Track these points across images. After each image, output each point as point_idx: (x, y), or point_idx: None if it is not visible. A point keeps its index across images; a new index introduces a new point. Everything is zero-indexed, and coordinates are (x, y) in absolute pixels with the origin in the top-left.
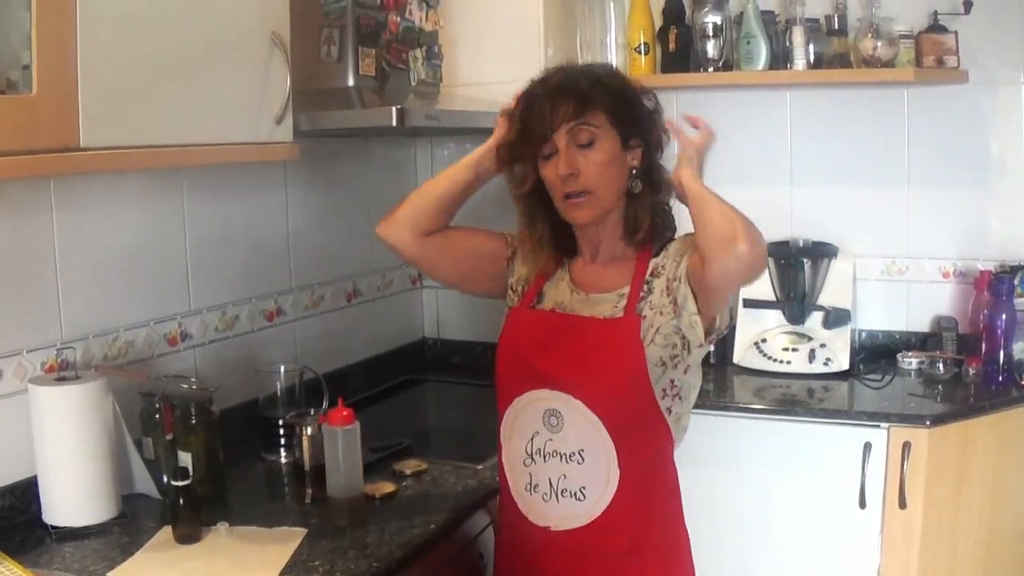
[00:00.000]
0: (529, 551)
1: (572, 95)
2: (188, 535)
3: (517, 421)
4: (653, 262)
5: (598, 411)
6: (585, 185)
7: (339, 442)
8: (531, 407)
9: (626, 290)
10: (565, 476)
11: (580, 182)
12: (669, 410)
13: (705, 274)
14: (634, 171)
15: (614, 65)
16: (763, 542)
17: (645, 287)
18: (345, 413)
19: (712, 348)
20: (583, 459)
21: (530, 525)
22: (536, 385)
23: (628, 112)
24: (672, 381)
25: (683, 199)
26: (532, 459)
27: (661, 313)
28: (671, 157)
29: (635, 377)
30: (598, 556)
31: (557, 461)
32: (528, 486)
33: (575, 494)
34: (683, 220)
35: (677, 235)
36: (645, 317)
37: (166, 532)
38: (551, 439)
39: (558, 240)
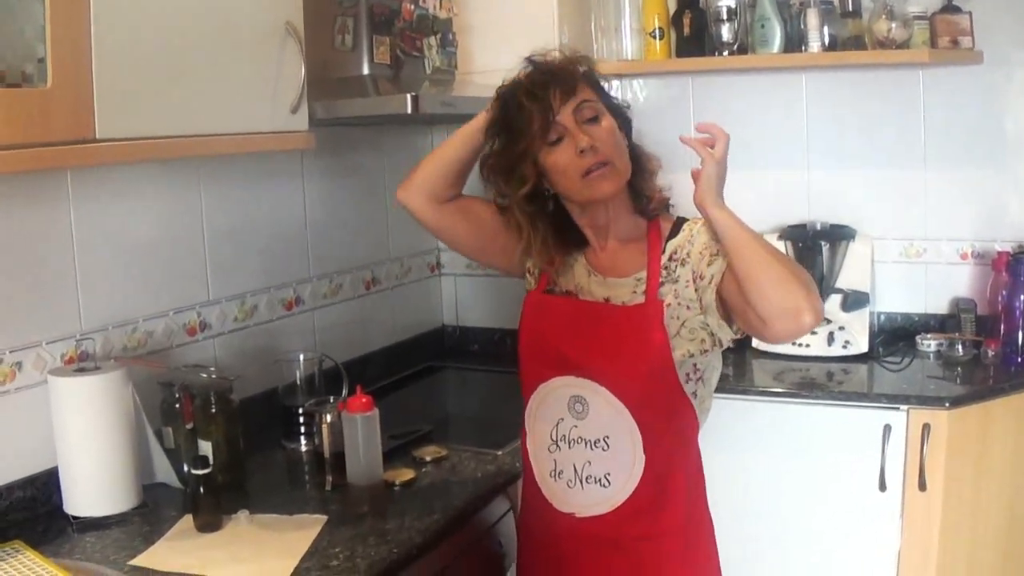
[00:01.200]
0: (553, 537)
1: (564, 78)
2: (209, 523)
3: (542, 407)
4: (671, 243)
5: (623, 398)
6: (606, 155)
7: (359, 429)
8: (556, 393)
9: (643, 274)
10: (590, 463)
11: (600, 153)
12: (695, 394)
13: (760, 332)
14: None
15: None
16: (783, 525)
17: (664, 271)
18: (364, 400)
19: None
20: (608, 446)
21: (554, 511)
22: (561, 371)
23: (601, 89)
24: (695, 365)
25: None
26: (557, 445)
27: (688, 307)
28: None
29: (660, 363)
30: (621, 542)
31: (582, 447)
32: (553, 472)
33: (600, 480)
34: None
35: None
36: (669, 305)
37: (187, 521)
38: (576, 425)
39: (562, 237)
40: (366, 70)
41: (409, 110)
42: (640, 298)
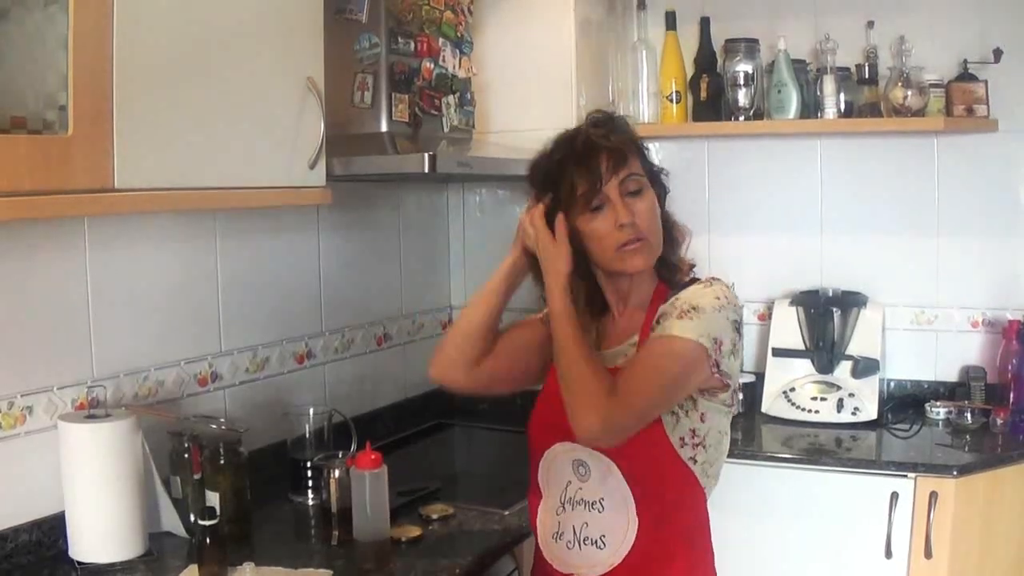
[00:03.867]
0: None
1: (614, 147)
2: (214, 574)
3: (550, 472)
4: (662, 308)
5: (616, 460)
6: (643, 232)
7: (366, 485)
8: (561, 458)
9: (635, 339)
10: (587, 524)
11: (639, 228)
12: (693, 459)
13: None
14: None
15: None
16: None
17: (652, 331)
18: (373, 456)
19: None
20: (603, 507)
21: (555, 573)
22: (563, 437)
23: (649, 162)
24: (692, 431)
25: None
26: (563, 507)
27: None
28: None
29: (646, 429)
30: None
31: (582, 509)
32: (555, 534)
33: (596, 542)
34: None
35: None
36: None
37: (192, 571)
38: (580, 488)
39: (590, 300)
40: (384, 127)
41: (426, 169)
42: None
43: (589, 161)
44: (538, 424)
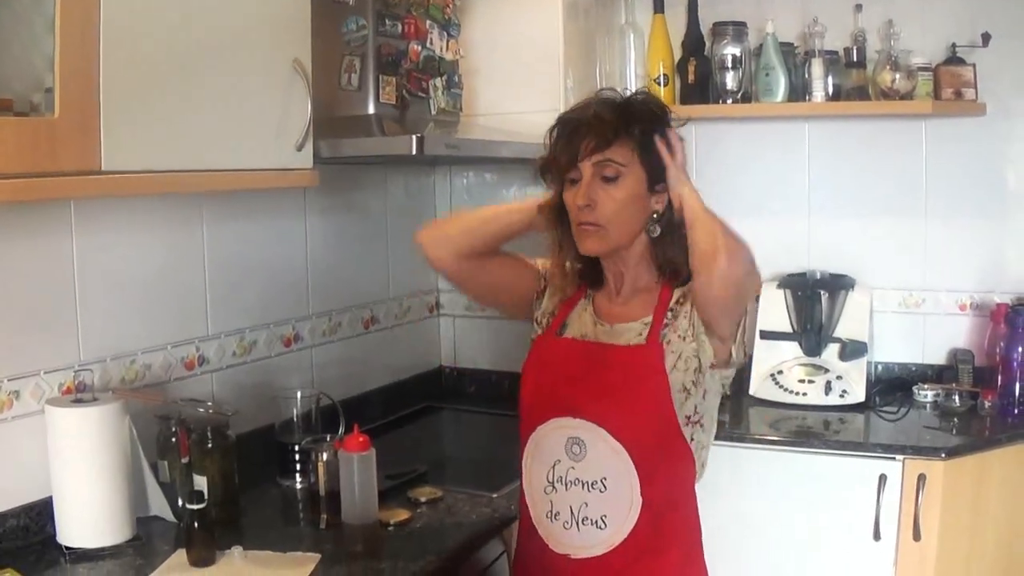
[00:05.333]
0: None
1: (603, 128)
2: (202, 558)
3: (539, 449)
4: (678, 291)
5: (622, 439)
6: (597, 219)
7: (354, 468)
8: (554, 435)
9: (649, 318)
10: (587, 504)
11: (594, 215)
12: (692, 438)
13: (693, 289)
14: (655, 215)
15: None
16: (777, 573)
17: (669, 314)
18: (361, 439)
19: (728, 382)
20: (605, 487)
21: (550, 553)
22: (560, 413)
23: (651, 149)
24: (695, 407)
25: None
26: (553, 487)
27: (684, 339)
28: None
29: (659, 405)
30: (627, 574)
31: (579, 489)
32: (549, 514)
33: (596, 522)
34: None
35: None
36: (670, 342)
37: (180, 555)
38: (573, 467)
39: (585, 269)
40: (372, 109)
41: (414, 151)
42: (643, 340)
43: (572, 137)
44: (532, 399)
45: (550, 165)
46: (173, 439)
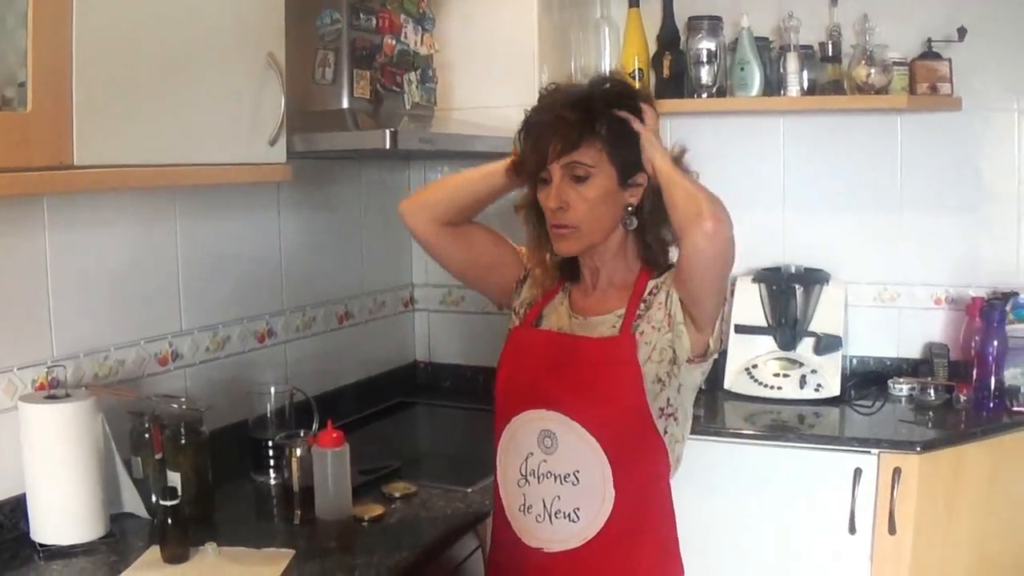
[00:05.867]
0: (522, 573)
1: (568, 130)
2: (176, 555)
3: (513, 441)
4: (652, 283)
5: (595, 431)
6: (570, 220)
7: (328, 464)
8: (527, 427)
9: (623, 310)
10: (559, 497)
11: (567, 216)
12: (665, 431)
13: (679, 260)
14: (630, 208)
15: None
16: (751, 568)
17: (642, 305)
18: (334, 435)
19: (705, 376)
20: (578, 480)
21: (523, 546)
22: (533, 405)
23: (630, 147)
24: (668, 400)
25: (656, 182)
26: (526, 480)
27: (658, 329)
28: None
29: (632, 396)
30: (602, 568)
31: (551, 482)
32: (522, 507)
33: (569, 515)
34: None
35: None
36: (643, 333)
37: (154, 552)
38: (545, 460)
39: (564, 262)
40: (345, 104)
41: (388, 145)
42: (616, 332)
43: (539, 140)
44: (507, 390)
45: (521, 167)
46: (146, 435)
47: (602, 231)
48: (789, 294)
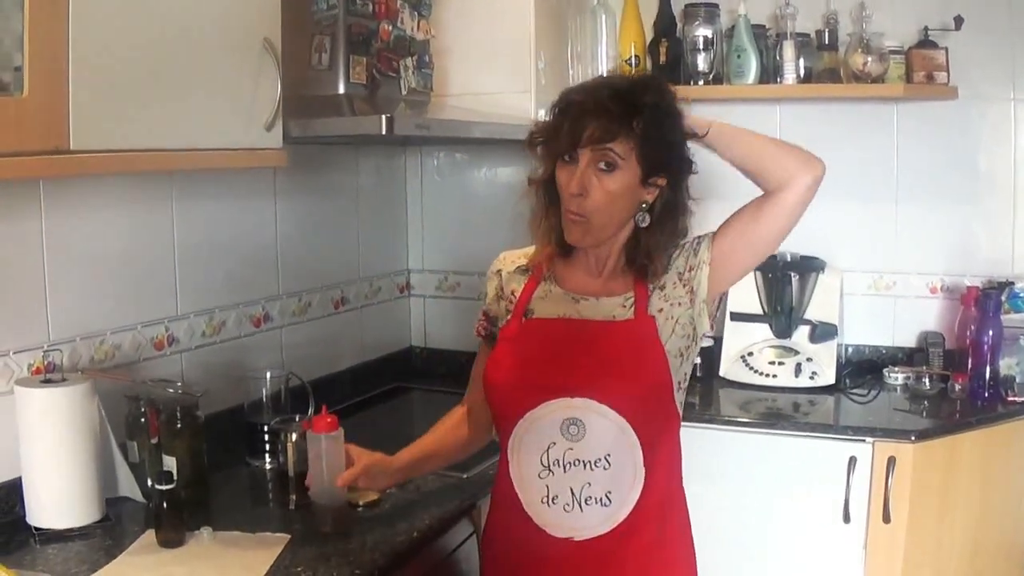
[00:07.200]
0: (547, 565)
1: (609, 119)
2: (171, 539)
3: (529, 434)
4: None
5: (625, 412)
6: (586, 209)
7: (323, 449)
8: (546, 419)
9: (631, 294)
10: (590, 483)
11: (584, 204)
12: (680, 403)
13: (771, 208)
14: (644, 205)
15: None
16: (746, 555)
17: (651, 286)
18: (329, 420)
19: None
20: (609, 463)
21: (548, 539)
22: (552, 395)
23: (659, 149)
24: (685, 374)
25: (712, 144)
26: (549, 471)
27: (679, 304)
28: None
29: (659, 376)
30: (624, 557)
31: (579, 469)
32: (546, 499)
33: (600, 500)
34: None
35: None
36: (661, 311)
37: (149, 536)
38: (571, 448)
39: (562, 240)
40: (342, 89)
41: (384, 131)
42: (630, 314)
43: (576, 121)
44: (514, 386)
45: (548, 140)
46: (142, 419)
47: (613, 224)
48: (785, 282)
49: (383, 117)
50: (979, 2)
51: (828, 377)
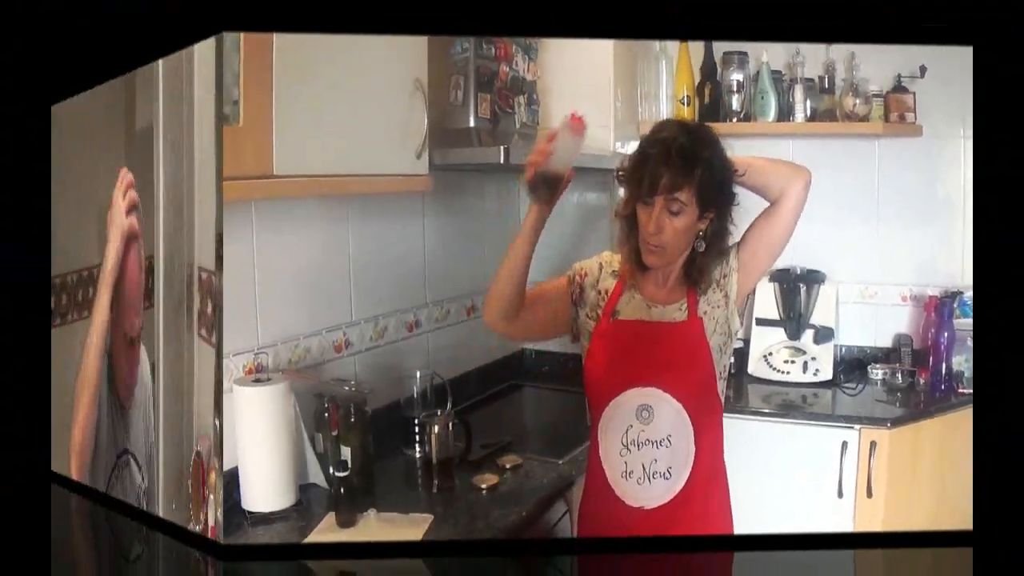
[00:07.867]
0: (623, 531)
1: (679, 172)
2: (347, 520)
3: (613, 418)
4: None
5: (682, 400)
6: (662, 243)
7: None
8: (626, 405)
9: (685, 301)
10: (656, 460)
11: (660, 239)
12: (722, 392)
13: (779, 212)
14: (701, 233)
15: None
16: (757, 524)
17: (699, 294)
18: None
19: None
20: (670, 443)
21: (625, 508)
22: (631, 384)
23: (712, 191)
24: (725, 366)
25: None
26: (627, 449)
27: (717, 307)
28: None
29: (706, 368)
30: (680, 520)
31: (650, 448)
32: (624, 473)
33: (663, 474)
34: None
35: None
36: (706, 313)
37: (330, 518)
38: (643, 430)
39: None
40: (472, 123)
41: (502, 160)
42: (684, 316)
43: (655, 171)
44: (605, 378)
45: (630, 182)
46: (326, 414)
47: (679, 252)
48: (795, 292)
49: (501, 148)
50: (940, 54)
51: (827, 373)
